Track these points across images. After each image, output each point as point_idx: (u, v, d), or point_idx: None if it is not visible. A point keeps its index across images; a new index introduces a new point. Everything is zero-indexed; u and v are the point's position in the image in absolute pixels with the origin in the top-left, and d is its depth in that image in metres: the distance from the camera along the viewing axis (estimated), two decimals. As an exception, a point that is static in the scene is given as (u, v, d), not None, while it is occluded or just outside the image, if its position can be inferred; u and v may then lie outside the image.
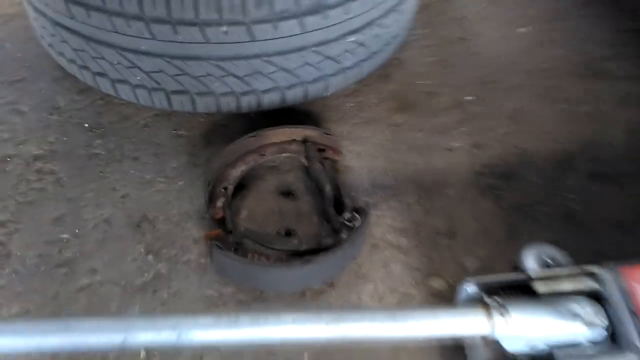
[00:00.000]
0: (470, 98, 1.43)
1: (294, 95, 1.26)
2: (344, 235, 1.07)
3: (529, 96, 1.45)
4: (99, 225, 1.14)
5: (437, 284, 1.06)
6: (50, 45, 1.35)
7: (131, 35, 1.13)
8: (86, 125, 1.34)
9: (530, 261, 0.94)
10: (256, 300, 1.03)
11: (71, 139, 1.31)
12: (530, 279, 0.87)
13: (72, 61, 1.30)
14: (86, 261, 1.08)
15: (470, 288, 0.89)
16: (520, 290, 0.88)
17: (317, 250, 1.05)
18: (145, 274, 1.06)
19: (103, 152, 1.28)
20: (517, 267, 0.95)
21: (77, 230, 1.13)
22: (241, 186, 1.20)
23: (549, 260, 0.93)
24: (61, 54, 1.32)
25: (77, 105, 1.38)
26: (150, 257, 1.09)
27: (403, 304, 1.03)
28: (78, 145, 1.29)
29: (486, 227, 1.16)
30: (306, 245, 1.06)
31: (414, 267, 1.09)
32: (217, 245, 1.00)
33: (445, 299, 1.03)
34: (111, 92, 1.28)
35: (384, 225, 1.16)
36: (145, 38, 1.12)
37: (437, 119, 1.38)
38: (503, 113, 1.40)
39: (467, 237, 1.14)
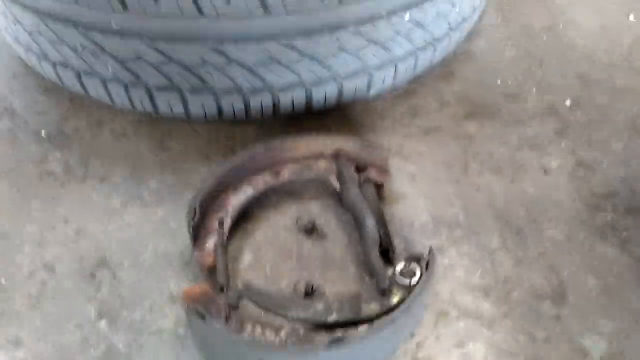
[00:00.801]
0: (569, 102, 1.04)
1: (323, 95, 0.93)
2: (395, 298, 0.69)
3: (651, 100, 1.06)
4: (36, 272, 0.78)
5: (544, 379, 0.67)
6: (6, 29, 1.03)
7: (96, 8, 0.82)
8: (43, 133, 0.99)
9: None
10: (257, 399, 0.66)
11: (20, 150, 0.96)
12: None
13: (29, 49, 0.98)
14: (10, 326, 0.72)
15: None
16: None
17: (354, 322, 0.67)
18: (92, 350, 0.70)
19: (60, 170, 0.93)
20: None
21: (3, 281, 0.77)
22: (245, 218, 0.83)
23: None
24: (17, 40, 1.00)
25: (38, 108, 1.04)
26: (103, 323, 0.73)
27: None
28: (28, 159, 0.94)
29: (611, 285, 0.77)
30: (337, 314, 0.68)
31: (503, 349, 0.70)
32: (198, 312, 0.64)
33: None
34: (78, 88, 0.97)
35: (454, 281, 0.77)
36: (116, 11, 0.81)
37: (525, 129, 0.99)
38: (618, 121, 1.01)
39: (583, 302, 0.75)
